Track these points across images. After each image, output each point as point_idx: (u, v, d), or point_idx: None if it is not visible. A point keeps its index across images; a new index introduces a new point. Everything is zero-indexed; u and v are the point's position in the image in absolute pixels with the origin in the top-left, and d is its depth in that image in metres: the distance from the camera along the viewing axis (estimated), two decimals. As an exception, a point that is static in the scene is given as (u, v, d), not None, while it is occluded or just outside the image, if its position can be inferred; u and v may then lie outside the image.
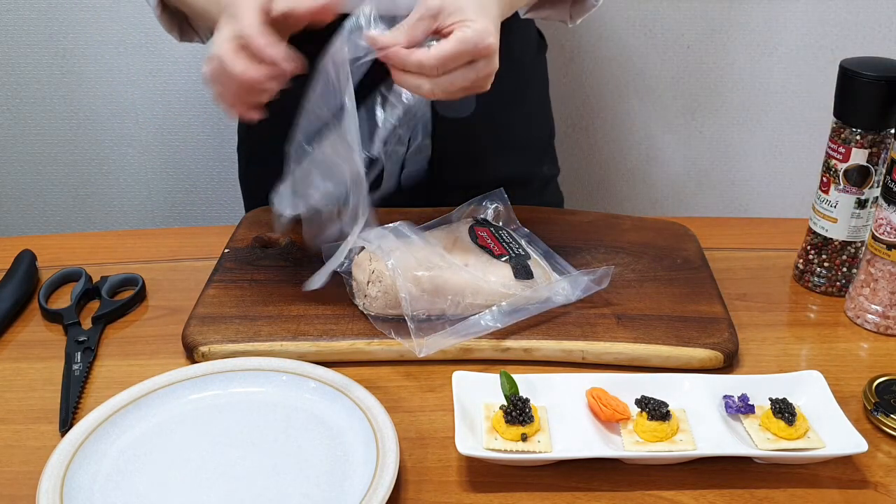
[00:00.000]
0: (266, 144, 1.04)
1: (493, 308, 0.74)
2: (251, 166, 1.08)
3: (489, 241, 0.80)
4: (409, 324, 0.72)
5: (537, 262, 0.80)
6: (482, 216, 0.86)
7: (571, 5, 0.96)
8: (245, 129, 1.06)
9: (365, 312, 0.76)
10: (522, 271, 0.77)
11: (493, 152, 1.01)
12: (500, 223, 0.86)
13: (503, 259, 0.78)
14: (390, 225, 0.79)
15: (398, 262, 0.74)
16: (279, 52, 0.66)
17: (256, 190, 1.08)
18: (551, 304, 0.76)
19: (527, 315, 0.75)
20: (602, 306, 0.78)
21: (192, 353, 0.73)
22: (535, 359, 0.73)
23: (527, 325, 0.75)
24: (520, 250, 0.80)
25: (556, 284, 0.77)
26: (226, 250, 0.87)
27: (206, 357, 0.73)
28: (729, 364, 0.73)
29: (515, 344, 0.73)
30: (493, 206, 0.87)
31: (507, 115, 1.00)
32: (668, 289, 0.81)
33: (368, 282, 0.74)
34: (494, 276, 0.77)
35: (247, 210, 1.11)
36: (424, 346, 0.71)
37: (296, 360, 0.71)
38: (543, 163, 1.10)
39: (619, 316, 0.76)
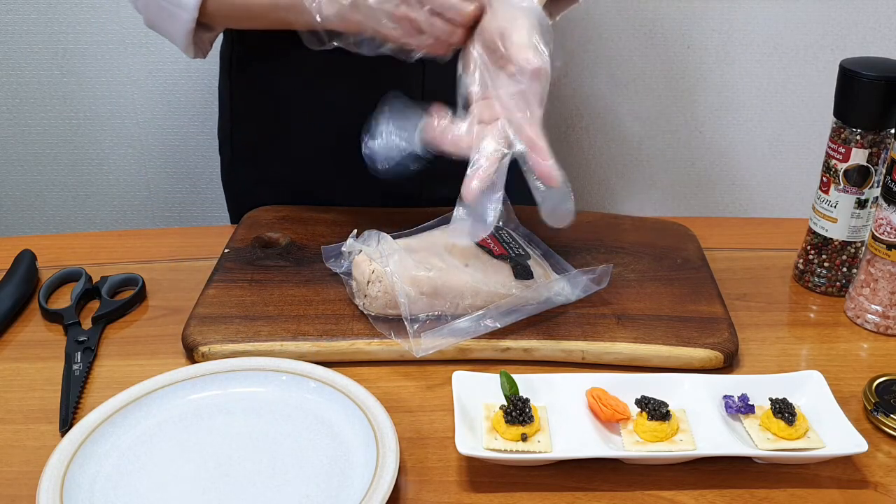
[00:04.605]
0: (250, 145, 1.03)
1: (492, 308, 0.74)
2: (235, 168, 1.06)
3: (489, 240, 0.80)
4: (407, 326, 0.72)
5: (537, 262, 0.80)
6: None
7: None
8: (229, 130, 1.05)
9: (365, 312, 0.76)
10: (522, 271, 0.77)
11: None
12: (500, 223, 0.86)
13: (503, 259, 0.78)
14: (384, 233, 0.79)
15: (396, 265, 0.74)
16: None
17: (240, 192, 1.07)
18: (551, 303, 0.76)
19: (526, 315, 0.75)
20: (602, 306, 0.78)
21: (192, 353, 0.73)
22: (534, 359, 0.73)
23: (527, 325, 0.75)
24: (520, 250, 0.80)
25: (556, 284, 0.77)
26: (226, 250, 0.87)
27: (206, 357, 0.73)
28: (729, 364, 0.73)
29: (515, 344, 0.73)
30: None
31: None
32: (668, 289, 0.81)
33: (368, 282, 0.74)
34: (494, 275, 0.77)
35: (230, 213, 1.10)
36: (423, 346, 0.71)
37: (296, 360, 0.71)
38: None
39: (619, 316, 0.76)
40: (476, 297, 0.75)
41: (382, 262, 0.74)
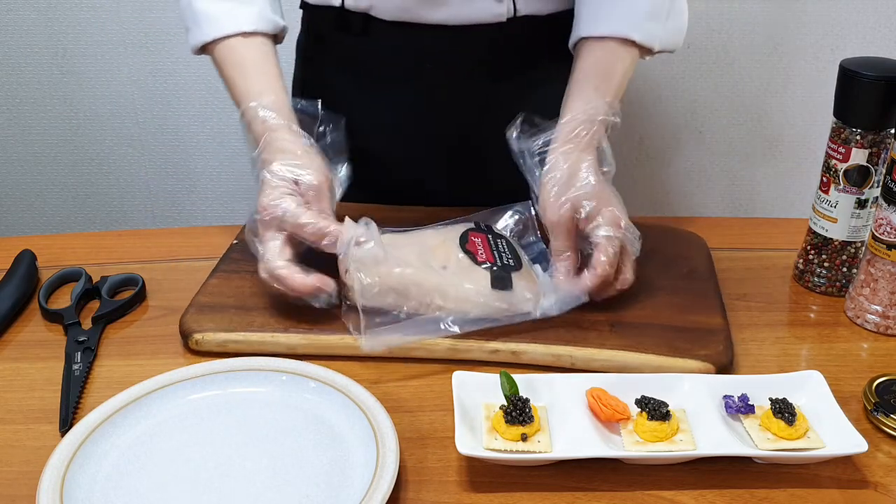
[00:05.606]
0: None
1: (459, 313, 0.73)
2: None
3: (479, 247, 0.79)
4: (360, 316, 0.71)
5: (527, 275, 0.77)
6: (488, 222, 0.85)
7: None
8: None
9: (343, 301, 0.75)
10: (500, 281, 0.75)
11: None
12: (507, 231, 0.84)
13: (483, 266, 0.76)
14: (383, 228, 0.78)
15: (365, 254, 0.72)
16: (309, 284, 0.73)
17: None
18: (529, 316, 0.74)
19: (495, 325, 0.73)
20: (597, 312, 0.76)
21: (187, 340, 0.74)
22: (522, 362, 0.72)
23: (518, 328, 0.73)
24: (510, 261, 0.77)
25: (533, 299, 0.74)
26: (234, 241, 0.87)
27: (199, 345, 0.73)
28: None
29: (504, 346, 0.72)
30: (515, 217, 0.86)
31: None
32: (669, 298, 0.79)
33: (346, 270, 0.74)
34: (470, 282, 0.75)
35: None
36: (373, 342, 0.71)
37: (286, 351, 0.71)
38: None
39: (612, 323, 0.75)
40: (445, 299, 0.73)
41: (343, 249, 0.73)
